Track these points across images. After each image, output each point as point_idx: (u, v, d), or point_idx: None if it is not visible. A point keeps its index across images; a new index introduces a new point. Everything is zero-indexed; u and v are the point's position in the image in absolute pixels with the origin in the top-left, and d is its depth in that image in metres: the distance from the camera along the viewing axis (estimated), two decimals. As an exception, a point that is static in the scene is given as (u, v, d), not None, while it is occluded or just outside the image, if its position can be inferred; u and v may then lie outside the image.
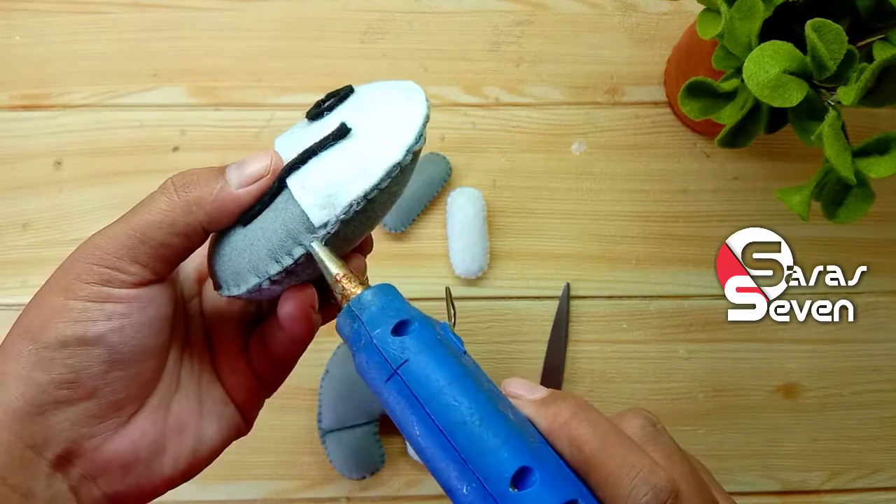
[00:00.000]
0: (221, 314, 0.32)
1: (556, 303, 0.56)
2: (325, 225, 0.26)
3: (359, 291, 0.27)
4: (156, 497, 0.28)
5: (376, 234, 0.56)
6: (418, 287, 0.56)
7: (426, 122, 0.28)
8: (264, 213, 0.27)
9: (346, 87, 0.29)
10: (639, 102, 0.59)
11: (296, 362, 0.32)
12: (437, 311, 0.55)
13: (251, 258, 0.27)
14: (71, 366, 0.25)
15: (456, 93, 0.59)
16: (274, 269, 0.27)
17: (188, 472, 0.29)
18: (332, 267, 0.27)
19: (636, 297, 0.56)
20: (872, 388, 0.56)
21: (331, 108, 0.28)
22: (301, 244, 0.27)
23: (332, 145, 0.27)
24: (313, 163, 0.27)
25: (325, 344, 0.55)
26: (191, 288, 0.32)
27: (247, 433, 0.32)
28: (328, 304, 0.30)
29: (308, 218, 0.26)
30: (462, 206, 0.55)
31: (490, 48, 0.60)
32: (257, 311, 0.33)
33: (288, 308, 0.28)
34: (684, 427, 0.55)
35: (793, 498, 0.55)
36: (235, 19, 0.60)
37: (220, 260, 0.28)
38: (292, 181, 0.27)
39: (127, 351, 0.26)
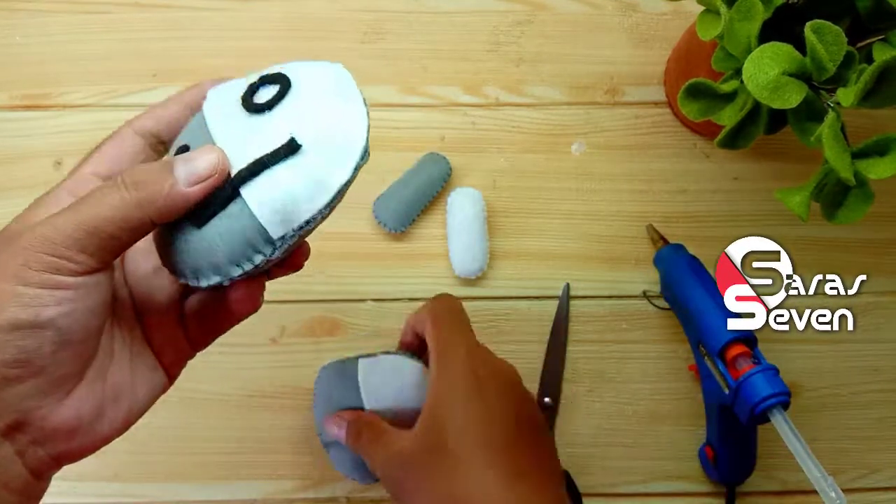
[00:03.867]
0: (150, 286, 0.34)
1: (556, 303, 0.56)
2: (283, 237, 0.29)
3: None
4: (95, 451, 0.31)
5: (377, 234, 0.56)
6: (418, 287, 0.56)
7: (369, 132, 0.30)
8: (219, 217, 0.29)
9: (279, 74, 0.30)
10: (639, 102, 0.59)
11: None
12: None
13: (212, 260, 0.30)
14: (22, 347, 0.27)
15: (456, 93, 0.59)
16: (236, 272, 0.30)
17: (123, 429, 0.32)
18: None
19: (636, 297, 0.56)
20: (872, 389, 0.56)
21: (270, 106, 0.30)
22: (261, 252, 0.30)
23: (283, 160, 0.29)
24: (267, 177, 0.29)
25: (325, 344, 0.55)
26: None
27: (170, 387, 0.35)
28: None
29: (267, 231, 0.29)
30: (462, 206, 0.55)
31: (490, 48, 0.60)
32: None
33: (238, 294, 0.32)
34: (684, 427, 0.55)
35: (793, 498, 0.55)
36: (235, 19, 0.60)
37: (176, 254, 0.30)
38: (248, 194, 0.29)
39: (74, 332, 0.28)
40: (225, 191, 0.29)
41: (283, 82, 0.30)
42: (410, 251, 0.56)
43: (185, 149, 0.30)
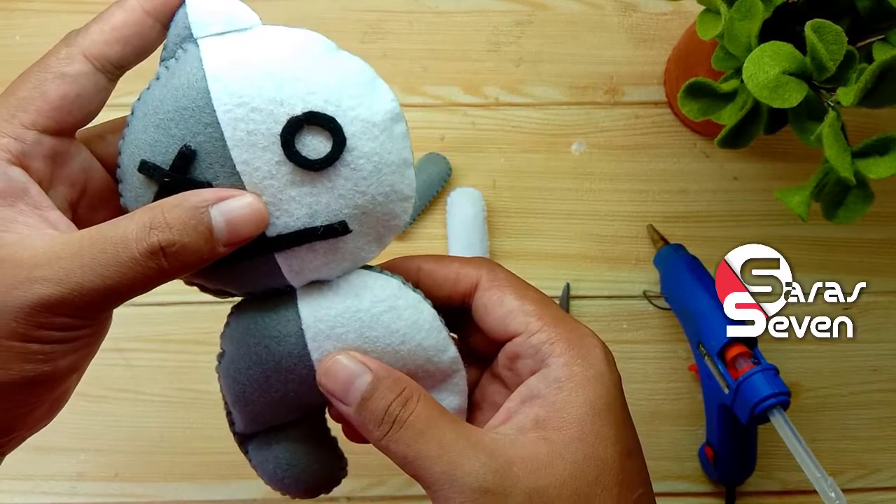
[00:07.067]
0: None
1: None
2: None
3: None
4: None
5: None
6: (418, 287, 0.56)
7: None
8: (241, 263, 0.28)
9: (330, 120, 0.27)
10: (639, 102, 0.59)
11: None
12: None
13: (225, 289, 0.31)
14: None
15: (456, 93, 0.59)
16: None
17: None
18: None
19: (636, 297, 0.56)
20: (872, 389, 0.56)
21: (321, 167, 0.27)
22: (279, 288, 0.30)
23: (325, 238, 0.28)
24: (303, 248, 0.28)
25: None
26: None
27: None
28: None
29: (290, 283, 0.29)
30: (462, 206, 0.55)
31: (490, 48, 0.60)
32: None
33: None
34: (684, 427, 0.55)
35: (792, 498, 0.55)
36: (235, 19, 0.60)
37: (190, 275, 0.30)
38: (283, 262, 0.28)
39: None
40: (255, 245, 0.27)
41: (336, 135, 0.27)
42: (410, 251, 0.56)
43: (191, 155, 0.27)
